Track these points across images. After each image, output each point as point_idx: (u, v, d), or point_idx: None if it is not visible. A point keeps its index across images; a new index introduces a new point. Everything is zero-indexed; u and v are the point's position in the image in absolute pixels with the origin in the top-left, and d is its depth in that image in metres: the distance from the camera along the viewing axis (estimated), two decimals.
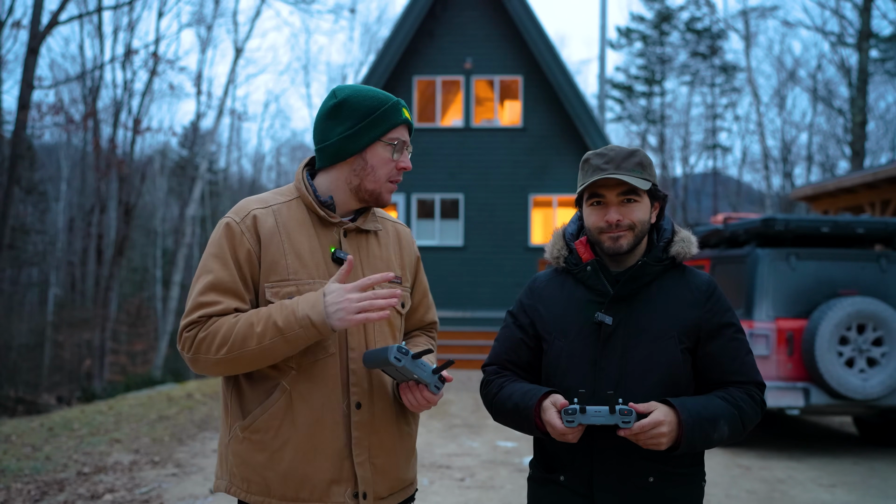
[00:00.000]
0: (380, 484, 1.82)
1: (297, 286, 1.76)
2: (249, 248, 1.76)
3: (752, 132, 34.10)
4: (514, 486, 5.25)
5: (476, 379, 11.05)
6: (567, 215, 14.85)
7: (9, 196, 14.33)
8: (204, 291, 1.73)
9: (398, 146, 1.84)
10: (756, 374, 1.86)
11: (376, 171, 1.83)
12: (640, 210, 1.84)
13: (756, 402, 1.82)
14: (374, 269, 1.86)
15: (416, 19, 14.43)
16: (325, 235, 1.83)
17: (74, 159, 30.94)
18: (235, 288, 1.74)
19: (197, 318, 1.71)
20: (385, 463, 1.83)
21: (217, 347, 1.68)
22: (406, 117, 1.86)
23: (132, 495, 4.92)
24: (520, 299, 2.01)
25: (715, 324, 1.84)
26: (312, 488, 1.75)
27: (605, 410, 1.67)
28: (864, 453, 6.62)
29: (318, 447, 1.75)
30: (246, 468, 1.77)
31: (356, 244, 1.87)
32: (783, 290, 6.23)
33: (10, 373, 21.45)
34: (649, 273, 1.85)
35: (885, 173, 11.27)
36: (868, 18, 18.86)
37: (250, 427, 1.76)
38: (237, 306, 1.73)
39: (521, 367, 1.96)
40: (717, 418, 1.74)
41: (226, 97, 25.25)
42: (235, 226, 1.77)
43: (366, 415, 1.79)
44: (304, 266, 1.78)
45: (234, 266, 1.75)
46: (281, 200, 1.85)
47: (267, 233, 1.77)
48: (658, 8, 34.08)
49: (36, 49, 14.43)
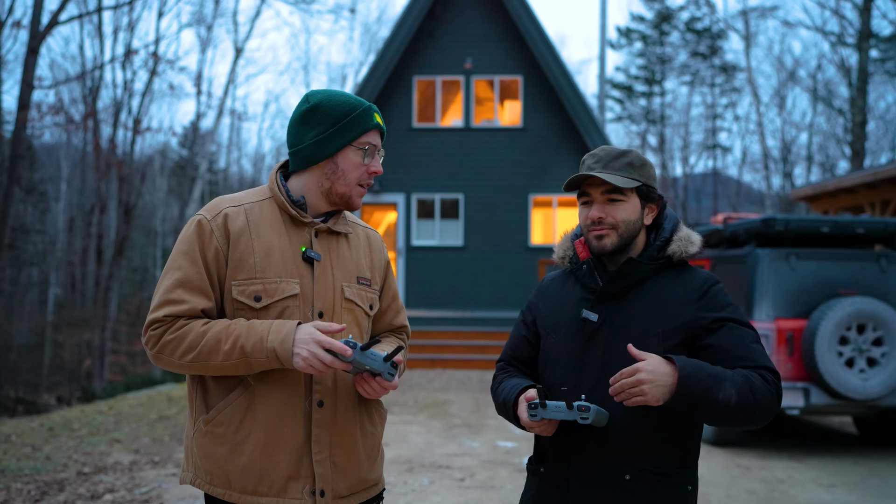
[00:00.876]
0: (340, 482, 1.84)
1: (263, 284, 1.79)
2: (217, 246, 1.79)
3: (752, 132, 34.13)
4: (514, 486, 5.25)
5: (476, 379, 11.09)
6: (567, 215, 14.85)
7: (9, 196, 14.33)
8: (171, 288, 1.77)
9: (369, 151, 1.89)
10: (766, 360, 1.74)
11: (347, 175, 1.87)
12: (625, 210, 1.84)
13: (769, 382, 1.70)
14: (344, 269, 1.90)
15: (416, 19, 14.43)
16: (295, 235, 1.86)
17: (74, 159, 30.94)
18: (202, 286, 1.78)
19: (163, 317, 1.75)
20: (346, 462, 1.85)
21: (182, 353, 1.74)
22: (377, 122, 1.90)
23: (132, 495, 4.92)
24: (529, 298, 2.08)
25: (710, 319, 1.78)
26: (271, 483, 1.78)
27: (564, 406, 1.70)
28: (864, 453, 6.62)
29: (278, 443, 1.78)
30: (209, 461, 1.81)
31: (327, 245, 1.90)
32: (783, 290, 6.23)
33: (10, 373, 21.45)
34: (641, 271, 1.84)
35: (885, 173, 11.27)
36: (868, 18, 18.86)
37: (213, 421, 1.80)
38: (203, 306, 1.77)
39: (523, 363, 2.01)
40: (722, 377, 1.65)
41: (226, 97, 25.27)
42: (206, 224, 1.81)
43: (328, 413, 1.82)
44: (272, 265, 1.81)
45: (202, 264, 1.79)
46: (254, 199, 1.89)
47: (236, 231, 1.81)
48: (658, 8, 34.08)
49: (36, 49, 14.43)
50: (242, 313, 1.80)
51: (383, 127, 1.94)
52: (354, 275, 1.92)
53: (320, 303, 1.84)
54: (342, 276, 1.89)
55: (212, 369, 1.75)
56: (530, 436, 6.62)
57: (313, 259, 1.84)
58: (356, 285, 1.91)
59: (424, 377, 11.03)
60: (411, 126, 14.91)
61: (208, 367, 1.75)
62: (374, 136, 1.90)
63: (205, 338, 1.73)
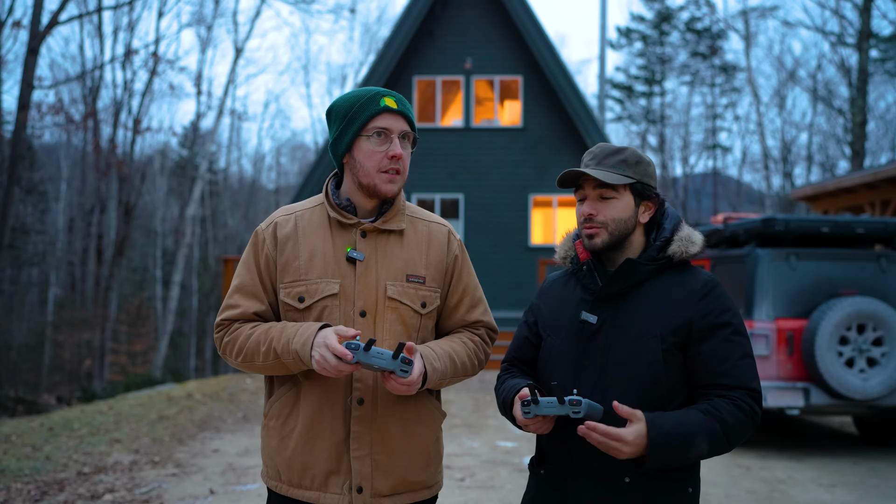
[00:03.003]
0: (380, 480, 1.85)
1: (306, 286, 1.86)
2: (268, 253, 1.91)
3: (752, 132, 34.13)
4: (514, 486, 5.25)
5: (476, 379, 11.08)
6: (567, 215, 14.85)
7: (9, 196, 14.33)
8: (231, 294, 1.93)
9: (382, 135, 1.86)
10: (750, 379, 1.75)
11: (364, 165, 1.88)
12: (616, 208, 1.83)
13: (744, 412, 1.71)
14: (392, 267, 1.90)
15: (416, 19, 14.44)
16: (341, 237, 1.90)
17: (74, 159, 30.93)
18: (255, 290, 1.90)
19: (222, 321, 1.92)
20: (387, 461, 1.85)
21: (235, 355, 1.89)
22: (385, 105, 1.86)
23: (132, 495, 4.92)
24: (532, 299, 2.07)
25: (707, 324, 1.77)
26: (313, 477, 1.85)
27: (555, 401, 1.70)
28: (864, 453, 6.61)
29: (318, 438, 1.84)
30: (265, 453, 1.93)
31: (374, 244, 1.90)
32: (783, 290, 6.23)
33: (10, 373, 21.45)
34: (640, 272, 1.82)
35: (885, 173, 11.27)
36: (868, 18, 18.86)
37: (268, 414, 1.92)
38: (255, 309, 1.89)
39: (526, 364, 2.01)
40: (694, 435, 1.66)
41: (226, 97, 25.26)
42: (260, 233, 1.94)
43: (367, 411, 1.84)
44: (314, 267, 1.87)
45: (256, 271, 1.91)
46: (308, 206, 1.98)
47: (283, 237, 1.91)
48: (658, 8, 34.07)
49: (36, 49, 14.43)
50: (290, 314, 1.88)
51: (399, 109, 1.88)
52: (403, 273, 1.90)
53: (362, 301, 1.86)
54: (388, 274, 1.89)
55: (258, 369, 1.87)
56: (530, 436, 6.62)
57: (355, 259, 1.87)
58: (404, 283, 1.89)
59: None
60: None
61: (255, 367, 1.86)
62: (384, 120, 1.86)
63: (249, 340, 1.85)
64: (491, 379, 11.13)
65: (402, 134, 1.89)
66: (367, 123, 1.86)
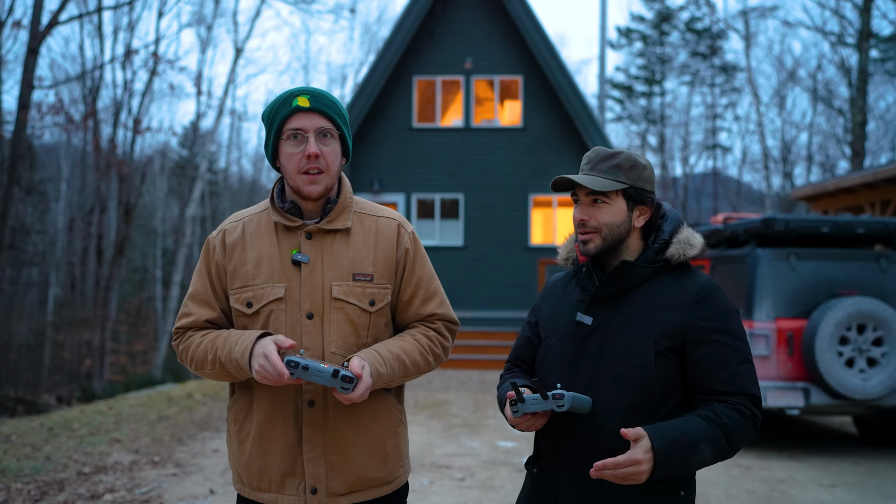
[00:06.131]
0: (335, 480, 1.86)
1: (253, 291, 1.88)
2: (218, 260, 1.93)
3: (752, 132, 34.12)
4: (514, 486, 5.25)
5: (476, 379, 11.09)
6: (567, 215, 14.85)
7: (9, 196, 14.32)
8: (185, 302, 1.96)
9: (297, 136, 1.85)
10: (749, 385, 1.74)
11: (286, 168, 1.88)
12: (608, 212, 1.82)
13: (745, 416, 1.71)
14: (338, 267, 1.88)
15: (416, 19, 14.43)
16: (287, 240, 1.90)
17: (74, 159, 30.93)
18: (207, 298, 1.93)
19: (176, 329, 1.95)
20: (341, 460, 1.86)
21: (189, 362, 1.92)
22: (297, 104, 1.83)
23: (132, 495, 4.92)
24: (535, 299, 2.09)
25: (704, 328, 1.75)
26: (270, 480, 1.88)
27: (539, 397, 1.71)
28: (864, 453, 6.61)
29: (272, 441, 1.86)
30: (229, 457, 1.98)
31: (320, 245, 1.89)
32: (783, 290, 6.23)
33: (10, 373, 21.44)
34: (636, 274, 1.82)
35: (885, 173, 11.26)
36: (868, 18, 18.85)
37: (228, 419, 1.97)
38: (207, 316, 1.92)
39: (527, 363, 2.02)
40: (697, 441, 1.65)
41: (226, 97, 25.24)
42: (211, 241, 1.97)
43: (318, 413, 1.85)
44: (261, 272, 1.88)
45: (208, 278, 1.94)
46: (256, 211, 1.99)
47: (231, 244, 1.93)
48: (658, 8, 34.08)
49: (36, 49, 14.42)
50: (240, 319, 1.90)
51: (313, 106, 1.84)
52: (350, 272, 1.88)
53: (308, 304, 1.85)
54: (333, 275, 1.87)
55: (210, 376, 1.90)
56: (530, 436, 6.62)
57: (300, 262, 1.87)
58: (350, 283, 1.87)
59: (424, 377, 11.03)
60: (411, 126, 14.92)
61: (207, 375, 1.89)
62: (297, 120, 1.83)
63: (199, 349, 1.88)
64: (491, 379, 11.12)
65: (321, 131, 1.84)
66: (282, 126, 1.85)
